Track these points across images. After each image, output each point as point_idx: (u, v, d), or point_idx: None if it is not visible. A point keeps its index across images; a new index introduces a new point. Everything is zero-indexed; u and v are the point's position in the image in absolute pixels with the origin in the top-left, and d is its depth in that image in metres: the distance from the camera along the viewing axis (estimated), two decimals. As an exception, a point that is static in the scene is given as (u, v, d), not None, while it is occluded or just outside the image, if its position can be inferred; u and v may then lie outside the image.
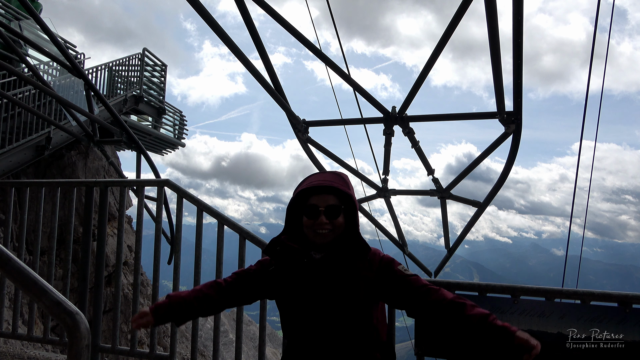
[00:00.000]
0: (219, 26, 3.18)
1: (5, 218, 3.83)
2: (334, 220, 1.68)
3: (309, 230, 1.70)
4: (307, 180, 1.77)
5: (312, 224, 1.68)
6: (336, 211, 1.69)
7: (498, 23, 3.09)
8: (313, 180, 1.74)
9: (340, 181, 1.74)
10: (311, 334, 1.72)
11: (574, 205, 6.07)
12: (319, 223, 1.67)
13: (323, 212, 1.67)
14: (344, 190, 1.69)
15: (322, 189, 1.69)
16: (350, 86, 4.62)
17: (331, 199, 1.69)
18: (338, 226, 1.70)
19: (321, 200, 1.68)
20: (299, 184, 1.80)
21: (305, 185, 1.73)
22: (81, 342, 1.16)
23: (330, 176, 1.76)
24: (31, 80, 5.70)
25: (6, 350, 3.81)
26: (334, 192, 1.70)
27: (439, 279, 3.55)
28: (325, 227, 1.67)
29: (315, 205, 1.68)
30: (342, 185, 1.71)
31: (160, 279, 3.44)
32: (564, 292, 2.43)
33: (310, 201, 1.70)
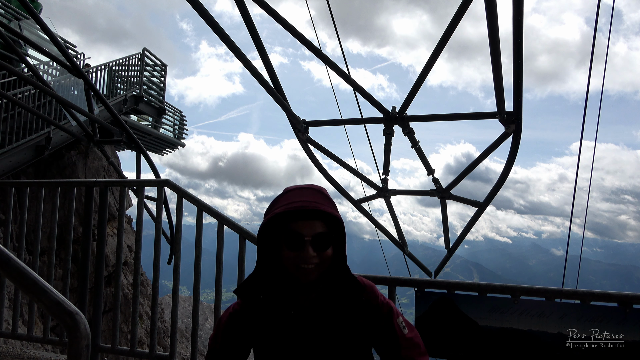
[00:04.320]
0: (218, 26, 3.18)
1: (5, 218, 3.83)
2: (322, 253, 1.36)
3: (290, 264, 1.37)
4: (284, 199, 1.40)
5: (295, 256, 1.35)
6: (325, 241, 1.36)
7: (498, 23, 3.09)
8: (293, 201, 1.37)
9: (326, 201, 1.40)
10: None
11: (574, 205, 6.07)
12: (304, 256, 1.33)
13: (309, 242, 1.34)
14: (332, 214, 1.37)
15: (307, 212, 1.35)
16: (350, 86, 4.62)
17: (318, 225, 1.35)
18: (326, 259, 1.37)
19: (306, 227, 1.34)
20: (274, 202, 1.43)
21: (284, 206, 1.36)
22: (81, 342, 1.16)
23: (313, 195, 1.41)
24: (31, 80, 5.70)
25: (6, 350, 3.81)
26: (320, 216, 1.37)
27: (439, 278, 3.55)
28: (312, 261, 1.34)
29: (300, 233, 1.34)
30: (329, 207, 1.38)
31: (160, 279, 3.44)
32: (564, 292, 2.43)
33: (292, 227, 1.35)
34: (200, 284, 3.30)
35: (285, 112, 4.79)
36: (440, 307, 2.59)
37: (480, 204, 6.11)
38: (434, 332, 2.58)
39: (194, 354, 3.24)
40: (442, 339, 2.56)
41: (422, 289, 2.65)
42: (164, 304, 15.61)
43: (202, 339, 16.23)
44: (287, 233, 1.36)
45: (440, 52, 3.93)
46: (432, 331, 2.59)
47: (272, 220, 1.39)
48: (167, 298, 16.82)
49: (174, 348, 3.23)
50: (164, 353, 3.25)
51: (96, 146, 7.98)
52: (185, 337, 12.61)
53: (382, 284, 2.78)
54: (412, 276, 3.25)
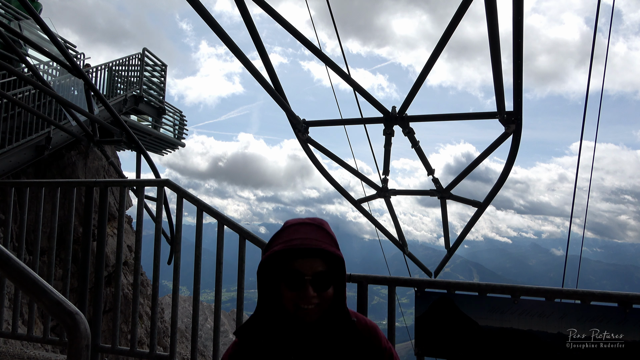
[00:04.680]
0: (218, 26, 3.18)
1: (5, 218, 3.84)
2: (322, 292, 1.32)
3: (291, 304, 1.33)
4: (283, 236, 1.37)
5: (295, 296, 1.32)
6: (326, 281, 1.33)
7: (498, 23, 3.09)
8: (293, 238, 1.34)
9: (327, 238, 1.36)
10: None
11: (574, 205, 6.07)
12: (305, 297, 1.30)
13: (310, 281, 1.30)
14: (334, 253, 1.34)
15: (307, 250, 1.32)
16: (350, 86, 4.62)
17: (318, 263, 1.32)
18: (327, 299, 1.34)
19: (306, 265, 1.31)
20: (274, 238, 1.40)
21: (283, 244, 1.33)
22: (81, 342, 1.16)
23: (313, 231, 1.37)
24: (31, 80, 5.70)
25: (6, 350, 3.81)
26: (320, 254, 1.33)
27: (439, 278, 3.55)
28: (312, 301, 1.31)
29: (299, 272, 1.31)
30: (330, 245, 1.35)
31: (160, 279, 3.45)
32: (564, 292, 2.43)
33: (292, 265, 1.32)
34: (200, 284, 3.30)
35: (285, 112, 4.79)
36: (440, 307, 2.59)
37: (480, 204, 6.11)
38: (434, 332, 2.58)
39: (194, 354, 3.24)
40: (442, 339, 2.56)
41: (422, 289, 2.66)
42: (164, 304, 15.63)
43: (202, 339, 16.24)
44: (287, 272, 1.33)
45: (440, 52, 3.93)
46: (432, 331, 2.59)
47: (272, 257, 1.36)
48: (167, 298, 16.83)
49: (174, 348, 3.23)
50: (164, 353, 3.25)
51: (96, 146, 7.98)
52: (185, 337, 12.62)
53: (382, 284, 2.78)
54: (412, 276, 3.25)
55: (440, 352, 2.58)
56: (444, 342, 2.56)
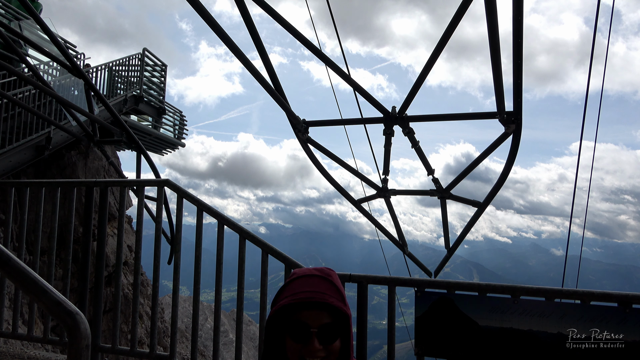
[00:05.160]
0: (218, 26, 3.18)
1: (5, 218, 3.84)
2: (329, 346, 1.30)
3: (295, 356, 1.31)
4: (290, 288, 1.36)
5: (301, 349, 1.29)
6: (333, 333, 1.30)
7: (498, 23, 3.09)
8: (300, 290, 1.32)
9: (334, 292, 1.35)
10: None
11: (573, 205, 6.07)
12: (311, 350, 1.28)
13: (316, 334, 1.28)
14: (340, 308, 1.32)
15: (314, 304, 1.31)
16: (350, 86, 4.62)
17: (325, 316, 1.30)
18: (333, 352, 1.31)
19: (312, 317, 1.29)
20: (280, 291, 1.38)
21: (290, 297, 1.31)
22: (81, 342, 1.16)
23: (320, 283, 1.36)
24: (31, 80, 5.70)
25: (6, 350, 3.81)
26: (327, 307, 1.32)
27: (439, 278, 3.55)
28: (319, 354, 1.28)
29: (306, 324, 1.29)
30: (337, 299, 1.33)
31: (160, 279, 3.45)
32: (564, 292, 2.43)
33: (298, 317, 1.30)
34: (200, 284, 3.30)
35: (285, 112, 4.79)
36: (440, 307, 2.59)
37: (480, 204, 6.11)
38: (434, 332, 2.58)
39: (194, 354, 3.24)
40: (442, 339, 2.56)
41: (422, 289, 2.66)
42: (164, 304, 15.63)
43: (202, 339, 16.25)
44: (292, 323, 1.31)
45: (440, 52, 3.93)
46: (432, 331, 2.59)
47: (278, 310, 1.33)
48: (167, 298, 16.83)
49: (174, 348, 3.23)
50: (164, 353, 3.25)
51: (96, 146, 7.98)
52: (185, 337, 12.62)
53: (382, 284, 2.78)
54: (412, 276, 3.25)
55: (440, 352, 2.57)
56: (444, 342, 2.56)
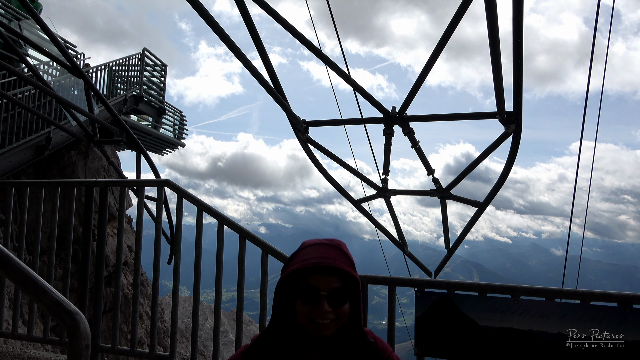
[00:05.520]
0: (218, 25, 3.18)
1: (5, 218, 3.84)
2: (338, 308, 1.34)
3: (305, 318, 1.34)
4: (301, 255, 1.40)
5: (311, 311, 1.33)
6: (342, 297, 1.35)
7: (498, 23, 3.09)
8: (310, 257, 1.37)
9: (344, 258, 1.40)
10: None
11: (573, 205, 6.07)
12: (320, 311, 1.32)
13: (325, 297, 1.33)
14: (349, 272, 1.37)
15: (323, 267, 1.35)
16: (350, 86, 4.62)
17: (335, 280, 1.35)
18: (343, 315, 1.35)
19: (323, 281, 1.34)
20: (291, 258, 1.43)
21: (300, 262, 1.37)
22: (81, 342, 1.16)
23: (331, 251, 1.40)
24: (31, 80, 5.70)
25: (6, 350, 3.81)
26: (336, 272, 1.37)
27: (439, 279, 3.55)
28: (328, 316, 1.32)
29: (316, 287, 1.33)
30: (347, 265, 1.38)
31: (160, 279, 3.45)
32: (564, 292, 2.43)
33: (308, 281, 1.35)
34: (200, 284, 3.30)
35: (285, 112, 4.79)
36: (440, 307, 2.59)
37: (480, 204, 6.11)
38: (434, 332, 2.58)
39: (194, 354, 3.24)
40: (442, 339, 2.56)
41: (422, 289, 2.66)
42: (164, 304, 15.63)
43: (202, 339, 16.25)
44: (303, 287, 1.35)
45: (440, 52, 3.93)
46: (432, 331, 2.59)
47: (288, 276, 1.38)
48: (167, 298, 16.83)
49: (174, 348, 3.23)
50: (164, 353, 3.25)
51: (96, 146, 7.98)
52: (185, 337, 12.62)
53: (382, 284, 2.78)
54: (412, 276, 3.25)
55: (440, 352, 2.57)
56: (444, 342, 2.56)
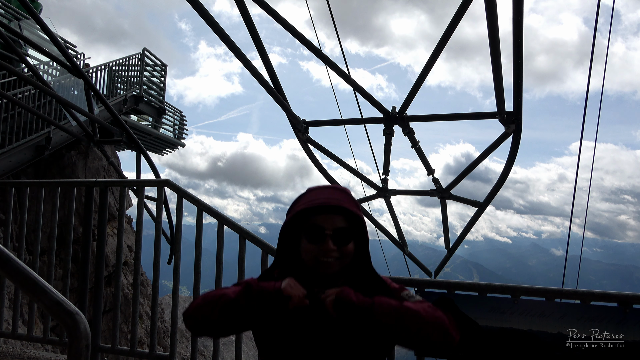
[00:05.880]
0: (218, 25, 3.18)
1: (5, 218, 3.83)
2: (343, 247, 1.36)
3: (310, 257, 1.37)
4: (307, 197, 1.43)
5: (315, 249, 1.36)
6: (346, 236, 1.37)
7: (498, 23, 3.09)
8: (315, 198, 1.40)
9: (348, 199, 1.42)
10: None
11: (573, 205, 6.07)
12: (325, 249, 1.34)
13: (330, 236, 1.35)
14: (354, 212, 1.38)
15: (329, 208, 1.37)
16: (350, 86, 4.62)
17: (339, 220, 1.37)
18: (347, 254, 1.38)
19: (327, 221, 1.36)
20: (297, 201, 1.46)
21: (306, 203, 1.40)
22: (81, 342, 1.16)
23: (336, 193, 1.42)
24: (31, 80, 5.70)
25: (6, 350, 3.81)
26: (341, 212, 1.38)
27: (439, 278, 3.55)
28: (332, 254, 1.35)
29: (321, 226, 1.35)
30: (351, 205, 1.40)
31: (160, 279, 3.44)
32: (564, 292, 2.43)
33: (314, 221, 1.37)
34: (200, 284, 3.30)
35: (285, 112, 4.79)
36: (440, 307, 2.58)
37: (480, 204, 6.11)
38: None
39: (194, 354, 3.24)
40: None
41: (422, 289, 2.65)
42: (164, 304, 15.61)
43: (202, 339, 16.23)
44: (308, 227, 1.37)
45: (440, 52, 3.94)
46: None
47: (294, 217, 1.40)
48: (167, 298, 16.82)
49: (174, 348, 3.23)
50: (164, 353, 3.25)
51: (96, 146, 7.98)
52: (185, 337, 12.61)
53: (382, 284, 2.77)
54: (412, 276, 3.25)
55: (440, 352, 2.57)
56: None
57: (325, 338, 1.36)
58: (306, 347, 1.37)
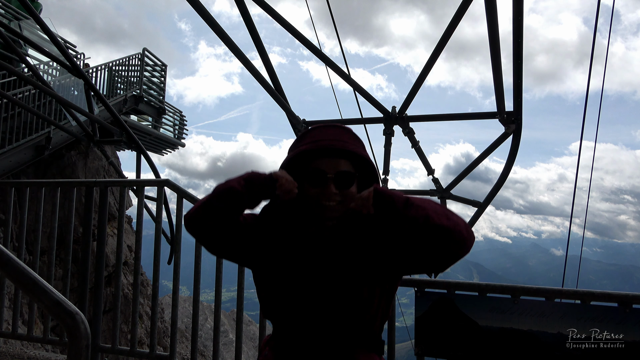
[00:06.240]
0: (218, 25, 3.18)
1: (5, 218, 3.83)
2: (345, 191, 1.33)
3: (312, 201, 1.34)
4: (310, 137, 1.37)
5: (317, 193, 1.32)
6: (349, 179, 1.33)
7: (498, 23, 3.09)
8: (320, 138, 1.35)
9: (354, 141, 1.37)
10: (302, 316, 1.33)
11: (573, 205, 6.07)
12: (326, 193, 1.31)
13: (332, 179, 1.31)
14: (359, 154, 1.34)
15: (332, 151, 1.33)
16: (350, 86, 4.62)
17: (343, 163, 1.33)
18: (349, 197, 1.33)
19: (330, 164, 1.32)
20: (299, 139, 1.40)
21: (310, 144, 1.34)
22: (81, 342, 1.16)
23: (340, 134, 1.37)
24: (31, 80, 5.70)
25: (6, 350, 3.81)
26: (345, 155, 1.34)
27: (439, 279, 3.55)
28: (334, 198, 1.31)
29: (322, 170, 1.31)
30: (357, 147, 1.36)
31: (160, 279, 3.44)
32: (564, 292, 2.43)
33: (316, 164, 1.33)
34: (200, 284, 3.30)
35: (285, 112, 4.79)
36: (440, 307, 2.59)
37: (480, 204, 6.11)
38: (434, 332, 2.58)
39: (194, 354, 3.24)
40: (442, 339, 2.56)
41: (422, 289, 2.65)
42: (164, 304, 15.62)
43: (202, 339, 16.24)
44: (310, 170, 1.33)
45: (440, 52, 3.94)
46: (432, 331, 2.59)
47: (296, 157, 1.36)
48: (167, 298, 16.82)
49: (174, 348, 3.23)
50: (164, 353, 3.25)
51: (96, 146, 7.98)
52: (185, 337, 12.61)
53: (382, 284, 2.77)
54: (412, 276, 3.25)
55: (440, 352, 2.57)
56: (444, 342, 2.56)
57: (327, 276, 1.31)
58: (307, 288, 1.32)
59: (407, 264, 1.34)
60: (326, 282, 1.31)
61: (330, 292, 1.30)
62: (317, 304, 1.31)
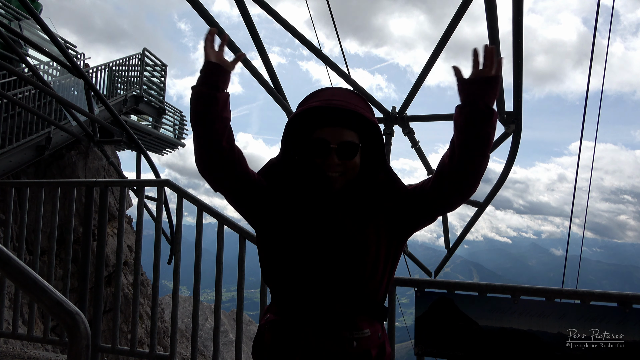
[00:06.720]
0: (218, 25, 3.18)
1: (5, 218, 3.83)
2: (347, 161, 1.29)
3: (314, 171, 1.33)
4: (321, 94, 1.34)
5: (320, 163, 1.30)
6: (352, 150, 1.29)
7: (498, 23, 3.10)
8: (331, 98, 1.31)
9: (365, 105, 1.33)
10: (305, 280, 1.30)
11: (573, 205, 6.07)
12: (329, 164, 1.28)
13: (335, 150, 1.27)
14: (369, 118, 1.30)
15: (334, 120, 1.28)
16: (349, 86, 4.62)
17: (347, 133, 1.29)
18: (351, 168, 1.31)
19: (334, 134, 1.28)
20: (310, 97, 1.36)
21: (320, 102, 1.31)
22: (81, 342, 1.16)
23: (353, 96, 1.33)
24: (31, 80, 5.70)
25: (6, 350, 3.81)
26: (350, 125, 1.30)
27: (439, 278, 3.56)
28: (337, 168, 1.29)
29: (325, 140, 1.28)
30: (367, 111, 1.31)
31: (160, 279, 3.44)
32: (564, 292, 2.43)
33: (318, 134, 1.30)
34: (200, 284, 3.30)
35: (285, 111, 4.79)
36: (440, 307, 2.59)
37: (480, 204, 6.11)
38: (434, 332, 2.58)
39: (194, 354, 3.24)
40: (442, 339, 2.56)
41: (422, 289, 2.65)
42: (164, 304, 15.62)
43: (202, 339, 16.24)
44: (313, 140, 1.31)
45: (440, 53, 3.94)
46: (432, 331, 2.59)
47: (303, 116, 1.32)
48: (167, 298, 16.82)
49: (174, 348, 3.23)
50: (164, 353, 3.25)
51: (96, 146, 7.98)
52: (185, 337, 12.61)
53: (382, 284, 2.77)
54: (412, 276, 3.25)
55: (440, 352, 2.57)
56: (444, 342, 2.56)
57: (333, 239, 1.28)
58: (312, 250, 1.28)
59: (420, 206, 1.33)
60: (332, 245, 1.27)
61: (335, 256, 1.27)
62: (321, 268, 1.27)
